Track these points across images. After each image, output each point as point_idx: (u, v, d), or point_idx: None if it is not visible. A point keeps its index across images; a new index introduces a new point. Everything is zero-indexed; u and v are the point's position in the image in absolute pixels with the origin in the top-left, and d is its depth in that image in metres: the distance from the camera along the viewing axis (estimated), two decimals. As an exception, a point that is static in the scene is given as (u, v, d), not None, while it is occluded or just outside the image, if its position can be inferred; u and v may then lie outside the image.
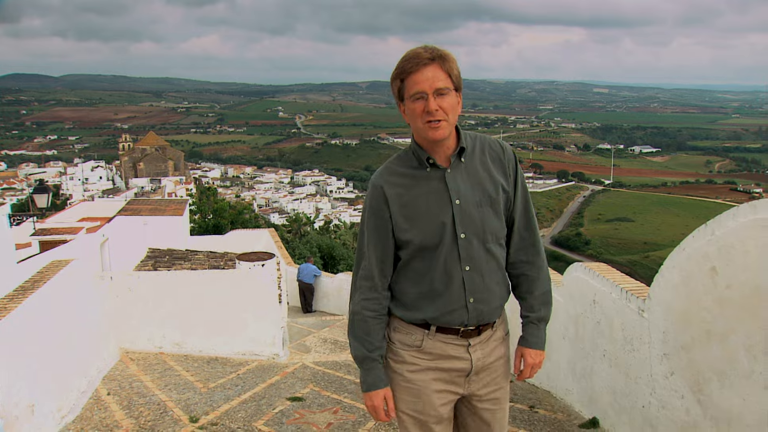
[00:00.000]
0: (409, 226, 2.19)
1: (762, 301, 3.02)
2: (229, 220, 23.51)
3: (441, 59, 2.08)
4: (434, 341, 2.26)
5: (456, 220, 2.16)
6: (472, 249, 2.19)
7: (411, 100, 2.10)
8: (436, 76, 2.06)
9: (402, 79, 2.12)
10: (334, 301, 13.93)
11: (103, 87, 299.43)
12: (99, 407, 5.09)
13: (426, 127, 2.10)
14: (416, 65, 2.07)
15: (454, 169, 2.20)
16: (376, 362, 2.28)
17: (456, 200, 2.17)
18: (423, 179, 2.20)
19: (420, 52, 2.09)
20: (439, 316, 2.22)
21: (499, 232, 2.25)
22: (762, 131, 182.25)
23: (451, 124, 2.14)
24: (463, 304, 2.21)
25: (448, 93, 2.09)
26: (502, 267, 2.31)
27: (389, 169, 2.27)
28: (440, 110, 2.07)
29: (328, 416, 4.96)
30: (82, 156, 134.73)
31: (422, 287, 2.23)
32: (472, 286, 2.21)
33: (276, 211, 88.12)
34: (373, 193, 2.25)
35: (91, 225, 13.42)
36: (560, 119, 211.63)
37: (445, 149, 2.19)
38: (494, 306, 2.27)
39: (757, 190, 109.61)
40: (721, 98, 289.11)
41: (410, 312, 2.27)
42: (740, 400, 3.17)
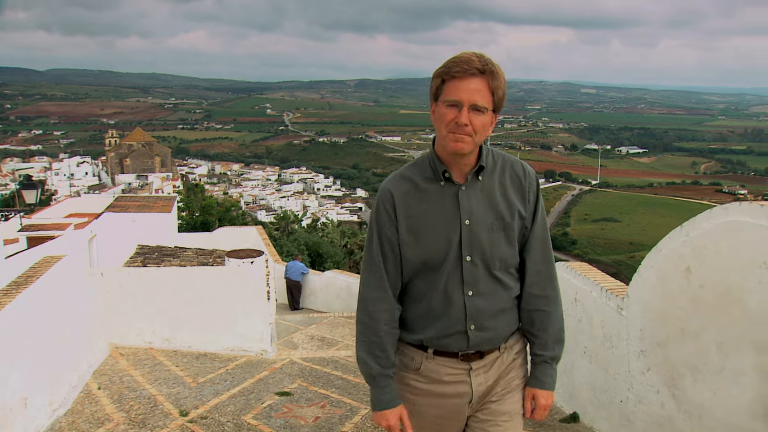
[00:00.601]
0: (413, 240, 2.08)
1: (732, 300, 3.16)
2: (217, 217, 23.54)
3: (491, 75, 1.94)
4: (432, 364, 2.15)
5: (463, 241, 2.04)
6: (477, 273, 2.06)
7: (445, 104, 1.96)
8: (479, 90, 1.93)
9: (444, 79, 1.97)
10: (322, 299, 14.04)
11: (89, 82, 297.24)
12: (90, 401, 5.17)
13: (449, 137, 1.97)
14: (463, 72, 1.93)
15: (470, 187, 2.07)
16: (390, 379, 2.15)
17: (466, 220, 2.04)
18: (435, 193, 2.08)
19: (472, 59, 1.93)
20: (436, 339, 2.11)
21: (509, 259, 2.11)
22: (747, 133, 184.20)
23: (476, 143, 2.00)
24: (463, 329, 2.09)
25: (484, 112, 1.95)
26: (511, 297, 2.15)
27: (402, 176, 2.14)
28: (470, 126, 1.94)
29: (315, 410, 5.07)
30: (67, 151, 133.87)
31: (422, 307, 2.12)
32: (474, 312, 2.08)
33: (263, 208, 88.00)
34: (382, 197, 2.12)
35: (78, 221, 13.45)
36: (548, 119, 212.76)
37: (463, 165, 2.06)
38: (499, 334, 2.14)
39: (742, 191, 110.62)
40: (707, 100, 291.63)
41: (408, 332, 2.16)
42: (711, 394, 3.32)
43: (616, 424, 4.29)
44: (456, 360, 2.13)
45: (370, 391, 2.17)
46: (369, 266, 2.17)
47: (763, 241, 2.96)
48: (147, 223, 13.17)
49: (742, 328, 3.10)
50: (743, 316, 3.09)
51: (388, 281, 2.13)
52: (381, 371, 2.13)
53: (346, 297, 13.14)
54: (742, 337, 3.11)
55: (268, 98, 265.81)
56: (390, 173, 2.24)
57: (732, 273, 3.18)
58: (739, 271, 3.12)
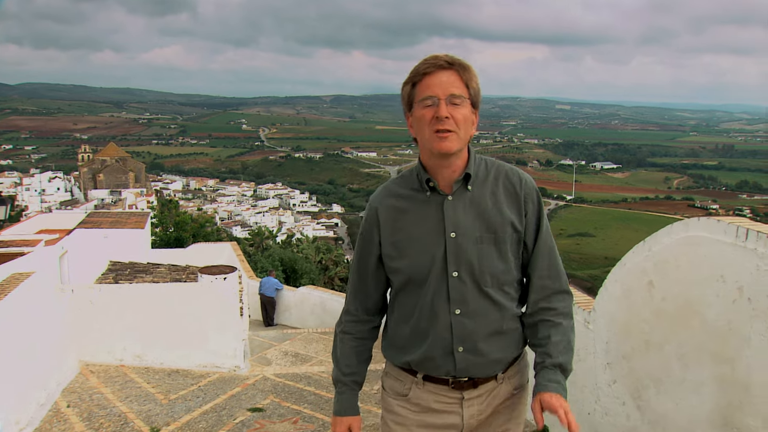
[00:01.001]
0: (398, 254, 1.97)
1: (692, 313, 3.25)
2: (191, 233, 23.38)
3: (460, 67, 1.85)
4: (422, 391, 2.02)
5: (448, 255, 1.90)
6: (465, 291, 1.91)
7: (420, 105, 1.85)
8: (451, 81, 1.83)
9: (414, 82, 1.88)
10: (296, 315, 13.99)
11: (62, 96, 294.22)
12: (58, 419, 5.12)
13: (433, 137, 1.84)
14: (432, 67, 1.84)
15: (457, 198, 1.93)
16: (347, 387, 2.12)
17: (451, 233, 1.90)
18: (421, 204, 1.96)
19: (439, 54, 1.87)
20: (422, 361, 1.99)
21: (502, 275, 1.94)
22: (718, 149, 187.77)
23: (462, 140, 1.86)
24: (449, 351, 1.94)
25: (462, 103, 1.84)
26: (508, 318, 1.98)
27: (388, 190, 2.05)
28: (451, 120, 1.82)
29: (287, 426, 5.07)
30: (39, 166, 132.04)
31: (408, 326, 2.01)
32: (461, 332, 1.93)
33: (238, 224, 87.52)
34: (367, 214, 2.06)
35: (49, 237, 13.27)
36: (523, 135, 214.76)
37: (450, 172, 1.92)
38: (492, 359, 1.97)
39: (714, 206, 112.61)
40: (679, 116, 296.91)
41: (396, 353, 2.07)
42: (674, 405, 3.40)
43: (585, 436, 4.36)
44: (447, 388, 2.00)
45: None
46: (351, 280, 2.16)
47: (720, 255, 3.06)
48: (120, 240, 13.03)
49: (701, 339, 3.19)
50: (702, 328, 3.18)
51: (355, 297, 2.13)
52: (339, 377, 2.13)
53: (320, 313, 13.11)
54: (701, 348, 3.19)
55: (243, 114, 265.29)
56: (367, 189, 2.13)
57: (692, 286, 3.27)
58: (698, 285, 3.21)
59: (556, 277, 2.00)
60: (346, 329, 2.14)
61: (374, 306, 2.13)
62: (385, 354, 2.13)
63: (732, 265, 2.97)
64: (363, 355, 2.15)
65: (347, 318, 2.15)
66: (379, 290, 2.10)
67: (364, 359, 2.16)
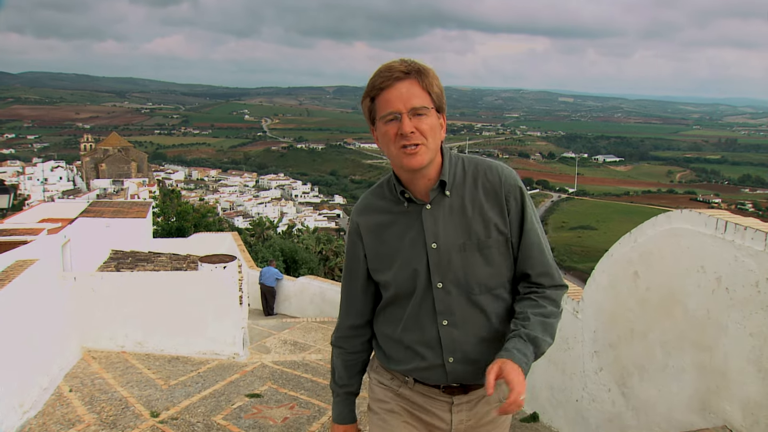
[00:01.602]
0: (383, 268, 1.93)
1: (674, 302, 3.36)
2: (193, 223, 23.50)
3: (418, 74, 1.76)
4: (412, 392, 1.99)
5: (431, 267, 1.85)
6: (451, 301, 1.86)
7: (383, 122, 1.78)
8: (411, 92, 1.74)
9: (372, 97, 1.80)
10: (295, 304, 14.12)
11: (64, 86, 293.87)
12: (61, 403, 5.24)
13: (400, 154, 1.77)
14: (388, 80, 1.75)
15: (435, 205, 1.86)
16: (340, 397, 2.14)
17: (432, 243, 1.84)
18: (400, 216, 1.90)
19: (393, 64, 1.78)
20: (413, 371, 1.95)
21: (490, 281, 1.87)
22: (721, 143, 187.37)
23: (432, 150, 1.79)
24: (440, 363, 1.90)
25: (426, 113, 1.75)
26: (499, 321, 1.90)
27: (366, 202, 1.99)
28: (417, 133, 1.74)
29: (284, 411, 5.20)
30: (41, 156, 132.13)
31: (398, 340, 1.96)
32: (450, 344, 1.88)
33: (240, 214, 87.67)
34: (349, 229, 2.03)
35: (52, 226, 13.39)
36: (526, 127, 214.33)
37: (425, 180, 1.85)
38: (483, 365, 1.82)
39: (717, 200, 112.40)
40: (682, 110, 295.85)
41: (388, 362, 2.03)
42: (656, 391, 3.51)
43: (572, 422, 4.48)
44: (438, 391, 1.96)
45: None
46: (342, 294, 2.12)
47: (701, 246, 3.16)
48: (121, 229, 13.15)
49: (683, 328, 3.30)
50: (683, 317, 3.29)
51: (346, 311, 2.09)
52: (334, 387, 2.15)
53: (319, 302, 13.25)
54: (682, 337, 3.31)
55: (246, 104, 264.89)
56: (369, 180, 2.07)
57: (674, 277, 3.38)
58: (680, 275, 3.32)
59: (548, 275, 1.90)
60: (339, 344, 2.12)
61: (365, 319, 2.08)
62: (376, 354, 2.09)
63: (712, 256, 3.08)
64: (356, 368, 2.13)
65: (339, 333, 2.12)
66: (369, 304, 2.06)
67: (357, 371, 2.14)
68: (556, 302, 1.91)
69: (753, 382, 2.83)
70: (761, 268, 2.77)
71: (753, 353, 2.83)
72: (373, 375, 2.12)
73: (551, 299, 1.89)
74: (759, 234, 2.80)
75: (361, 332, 2.09)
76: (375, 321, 2.07)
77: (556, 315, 1.90)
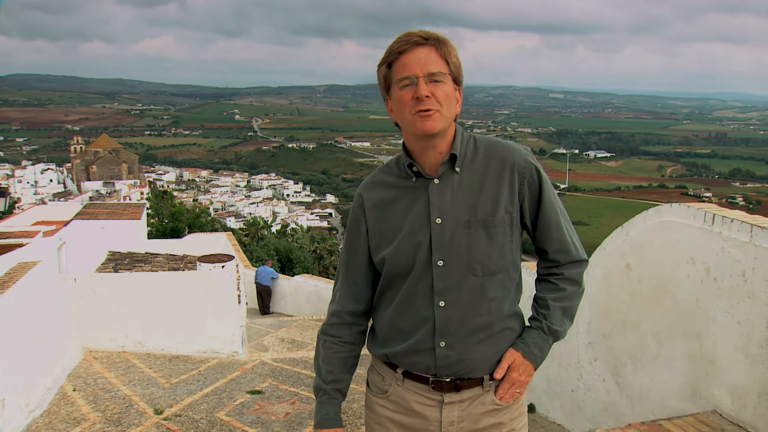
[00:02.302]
0: (384, 245, 1.85)
1: (665, 293, 3.48)
2: (187, 224, 23.55)
3: (437, 41, 1.72)
4: (402, 389, 1.87)
5: (433, 243, 1.76)
6: (450, 280, 1.76)
7: (398, 86, 1.73)
8: (429, 58, 1.70)
9: (390, 63, 1.75)
10: (291, 303, 14.21)
11: (52, 87, 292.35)
12: (66, 402, 5.32)
13: (415, 118, 1.71)
14: (407, 44, 1.71)
15: (444, 181, 1.79)
16: (328, 396, 1.93)
17: (437, 218, 1.76)
18: (407, 191, 1.83)
19: (413, 31, 1.74)
20: (402, 355, 1.84)
21: (494, 263, 1.76)
22: (711, 137, 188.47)
23: (447, 118, 1.73)
24: (431, 346, 1.79)
25: (443, 80, 1.71)
26: (501, 315, 1.80)
27: (374, 178, 1.93)
28: (432, 98, 1.69)
29: (286, 407, 5.30)
30: (31, 158, 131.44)
31: (391, 318, 1.87)
32: (444, 326, 1.77)
33: (232, 214, 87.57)
34: (354, 203, 1.95)
35: (47, 229, 13.43)
36: (516, 124, 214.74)
37: (436, 154, 1.78)
38: (476, 357, 1.79)
39: (707, 194, 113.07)
40: (672, 104, 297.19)
41: (377, 346, 1.93)
42: (648, 380, 3.63)
43: (568, 412, 4.60)
44: (427, 387, 1.83)
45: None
46: (338, 276, 2.01)
47: (690, 239, 3.28)
48: (117, 230, 13.20)
49: (673, 318, 3.42)
50: (674, 307, 3.41)
51: (343, 293, 1.97)
52: (321, 384, 1.94)
53: (315, 301, 13.34)
54: (673, 326, 3.43)
55: (236, 104, 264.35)
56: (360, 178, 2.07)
57: (665, 268, 3.50)
58: (671, 267, 3.44)
59: (565, 251, 1.85)
60: (331, 332, 1.96)
61: (363, 306, 1.96)
62: (369, 346, 1.98)
63: (700, 247, 3.20)
64: (348, 362, 1.96)
65: (333, 320, 1.97)
66: (368, 288, 1.95)
67: (349, 366, 1.97)
68: (576, 281, 1.87)
69: (740, 368, 2.95)
70: (747, 258, 2.89)
71: (741, 340, 2.95)
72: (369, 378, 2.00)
73: (570, 279, 1.85)
74: (745, 226, 2.92)
75: (358, 321, 1.96)
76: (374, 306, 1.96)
77: (576, 295, 1.87)
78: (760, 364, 2.84)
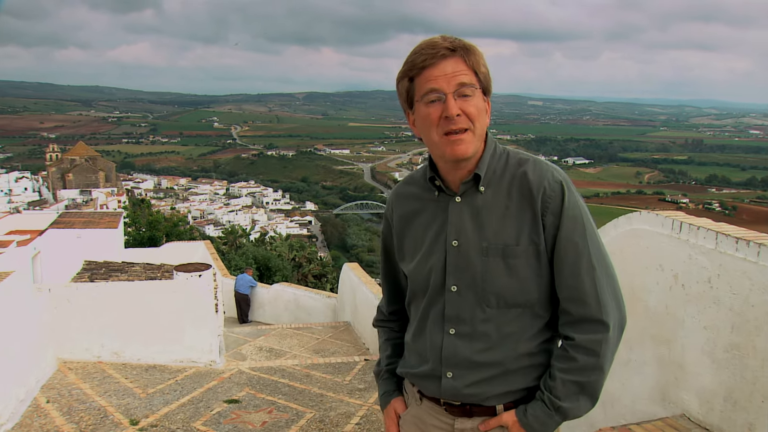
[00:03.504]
0: (407, 259, 1.78)
1: (636, 299, 3.54)
2: (164, 232, 23.38)
3: (465, 50, 1.57)
4: (419, 409, 1.80)
5: (448, 266, 1.64)
6: (463, 308, 1.64)
7: (423, 102, 1.58)
8: (458, 70, 1.55)
9: (412, 77, 1.60)
10: (270, 311, 14.17)
11: (27, 94, 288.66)
12: (39, 414, 5.27)
13: (444, 142, 1.57)
14: (431, 57, 1.55)
15: (466, 199, 1.65)
16: (383, 377, 1.95)
17: (453, 240, 1.64)
18: (430, 204, 1.71)
19: (437, 41, 1.57)
20: (416, 379, 1.79)
21: (510, 295, 1.61)
22: (688, 144, 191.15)
23: (478, 137, 1.60)
24: (437, 375, 1.69)
25: (473, 93, 1.56)
26: (516, 345, 1.64)
27: (403, 186, 1.84)
28: (463, 116, 1.55)
29: (263, 416, 5.29)
30: (5, 166, 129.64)
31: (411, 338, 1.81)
32: (452, 356, 1.66)
33: (211, 222, 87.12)
34: (386, 208, 1.89)
35: (21, 238, 13.28)
36: (495, 131, 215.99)
37: (463, 172, 1.64)
38: (485, 390, 1.66)
39: (684, 200, 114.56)
40: (649, 111, 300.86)
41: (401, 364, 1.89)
42: (620, 385, 3.69)
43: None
44: (441, 410, 1.73)
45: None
46: (380, 276, 2.00)
47: (659, 246, 3.35)
48: (93, 239, 13.10)
49: (644, 324, 3.48)
50: (644, 313, 3.48)
51: (389, 295, 1.97)
52: (377, 369, 1.98)
53: (293, 309, 13.31)
54: (643, 332, 3.49)
55: (215, 111, 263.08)
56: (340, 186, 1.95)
57: (635, 275, 3.56)
58: (641, 274, 3.50)
59: (580, 300, 1.59)
60: (379, 324, 2.03)
61: (400, 307, 1.93)
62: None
63: (669, 254, 3.27)
64: (399, 348, 1.93)
65: (378, 316, 2.04)
66: (402, 291, 1.90)
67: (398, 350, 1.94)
68: (593, 351, 1.58)
69: (707, 372, 3.02)
70: (713, 265, 2.96)
71: (707, 345, 3.02)
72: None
73: (584, 347, 1.58)
74: (710, 233, 2.99)
75: (400, 316, 1.94)
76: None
77: (594, 369, 1.58)
78: (726, 368, 2.91)
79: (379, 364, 1.98)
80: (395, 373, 1.91)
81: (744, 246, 2.82)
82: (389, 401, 1.90)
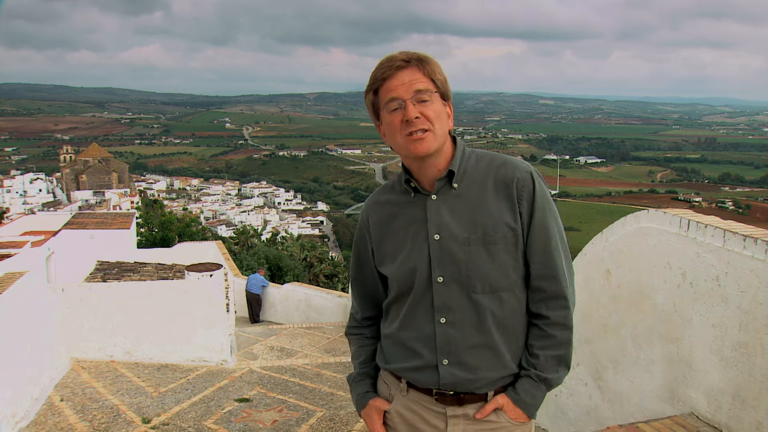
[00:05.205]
0: (387, 262, 1.88)
1: (643, 298, 3.54)
2: (177, 232, 23.50)
3: (419, 62, 1.73)
4: (406, 400, 1.88)
5: (432, 260, 1.76)
6: (451, 297, 1.76)
7: (387, 111, 1.75)
8: (414, 78, 1.71)
9: (376, 89, 1.77)
10: (281, 311, 14.21)
11: (42, 97, 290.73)
12: (53, 412, 5.33)
13: (407, 141, 1.73)
14: (389, 69, 1.73)
15: (442, 197, 1.79)
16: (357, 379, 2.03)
17: (435, 235, 1.77)
18: (407, 207, 1.85)
19: (395, 55, 1.75)
20: (408, 372, 1.86)
21: (494, 279, 1.75)
22: (701, 142, 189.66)
23: (439, 137, 1.74)
24: (434, 364, 1.79)
25: (430, 98, 1.72)
26: (504, 325, 1.78)
27: (378, 194, 1.97)
28: (422, 118, 1.70)
29: (273, 414, 5.32)
30: (20, 168, 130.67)
31: (395, 336, 1.89)
32: (446, 344, 1.77)
33: (223, 223, 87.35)
34: (359, 220, 1.99)
35: (35, 239, 13.40)
36: (507, 130, 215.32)
37: (434, 170, 1.80)
38: (482, 375, 1.77)
39: (697, 199, 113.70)
40: (661, 110, 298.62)
41: (384, 361, 1.95)
42: (629, 383, 3.69)
43: (552, 417, 4.65)
44: (431, 400, 1.83)
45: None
46: (351, 286, 2.09)
47: (666, 244, 3.34)
48: (106, 240, 13.20)
49: (652, 321, 3.48)
50: (652, 311, 3.47)
51: (362, 303, 2.04)
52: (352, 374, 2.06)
53: (304, 309, 13.35)
54: (651, 330, 3.49)
55: (226, 112, 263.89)
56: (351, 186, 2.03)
57: (643, 273, 3.56)
58: (649, 272, 3.50)
59: (552, 277, 1.77)
60: (353, 331, 2.08)
61: (377, 311, 2.02)
62: (377, 359, 2.01)
63: (676, 252, 3.26)
64: (373, 354, 2.03)
65: (351, 323, 2.09)
66: (378, 297, 1.99)
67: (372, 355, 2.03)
68: (564, 325, 1.79)
69: (716, 371, 3.01)
70: (720, 263, 2.95)
71: (715, 343, 3.01)
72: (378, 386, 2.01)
73: (558, 323, 1.78)
74: (718, 231, 2.98)
75: (375, 322, 2.03)
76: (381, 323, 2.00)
77: (567, 341, 1.80)
78: (734, 366, 2.90)
79: (354, 369, 2.06)
80: (370, 375, 2.02)
81: (752, 244, 2.82)
82: (367, 401, 1.97)
